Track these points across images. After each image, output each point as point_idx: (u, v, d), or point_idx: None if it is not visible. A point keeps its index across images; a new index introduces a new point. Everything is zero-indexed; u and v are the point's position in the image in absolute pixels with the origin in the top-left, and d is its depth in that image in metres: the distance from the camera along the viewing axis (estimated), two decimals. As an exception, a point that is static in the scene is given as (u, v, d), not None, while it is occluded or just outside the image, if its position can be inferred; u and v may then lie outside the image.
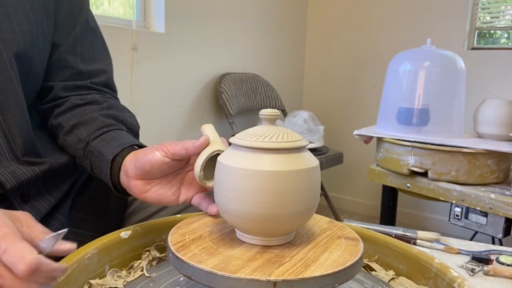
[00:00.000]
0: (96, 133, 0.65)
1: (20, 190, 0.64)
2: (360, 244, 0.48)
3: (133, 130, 0.72)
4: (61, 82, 0.71)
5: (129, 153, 0.59)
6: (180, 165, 0.57)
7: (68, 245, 0.42)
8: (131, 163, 0.57)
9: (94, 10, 1.80)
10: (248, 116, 2.37)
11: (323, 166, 2.10)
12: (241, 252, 0.46)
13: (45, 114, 0.72)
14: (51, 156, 0.69)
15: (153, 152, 0.54)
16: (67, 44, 0.70)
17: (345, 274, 0.43)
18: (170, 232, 0.51)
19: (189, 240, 0.49)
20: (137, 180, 0.56)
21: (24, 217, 0.43)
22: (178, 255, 0.45)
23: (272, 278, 0.40)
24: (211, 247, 0.48)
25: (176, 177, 0.58)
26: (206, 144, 0.54)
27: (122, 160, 0.59)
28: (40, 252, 0.40)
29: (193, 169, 0.56)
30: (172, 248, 0.46)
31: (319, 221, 0.56)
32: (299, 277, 0.41)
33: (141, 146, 0.62)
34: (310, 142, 2.12)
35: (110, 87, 0.77)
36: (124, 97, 1.79)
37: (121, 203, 0.80)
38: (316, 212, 0.52)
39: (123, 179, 0.59)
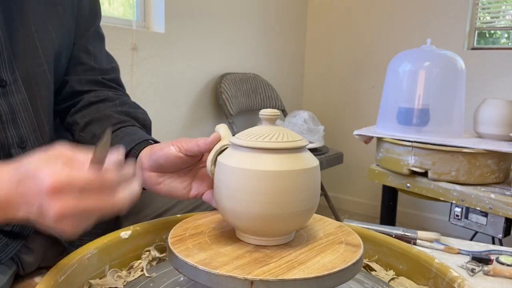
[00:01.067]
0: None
1: None
2: (359, 251, 0.47)
3: (146, 125, 0.74)
4: (75, 76, 0.75)
5: (143, 147, 0.62)
6: (193, 161, 0.59)
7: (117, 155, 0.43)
8: (147, 156, 0.59)
9: (94, 10, 1.80)
10: (248, 116, 2.37)
11: (323, 166, 2.10)
12: (232, 249, 0.47)
13: (62, 114, 0.75)
14: None
15: (168, 147, 0.57)
16: (79, 43, 0.75)
17: (330, 279, 0.42)
18: (175, 226, 0.52)
19: (189, 235, 0.50)
20: (151, 172, 0.59)
21: (63, 153, 0.41)
22: (171, 248, 0.46)
23: (250, 276, 0.40)
24: (206, 242, 0.48)
25: (188, 172, 0.60)
26: (217, 140, 0.56)
27: (138, 154, 0.61)
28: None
29: (205, 166, 0.57)
30: (169, 241, 0.48)
31: (328, 225, 0.54)
32: (278, 278, 0.40)
33: (154, 141, 0.65)
34: (310, 142, 2.12)
35: (119, 85, 0.81)
36: (124, 97, 1.79)
37: None
38: (316, 212, 0.52)
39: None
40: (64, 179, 0.37)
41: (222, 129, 0.59)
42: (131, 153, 0.62)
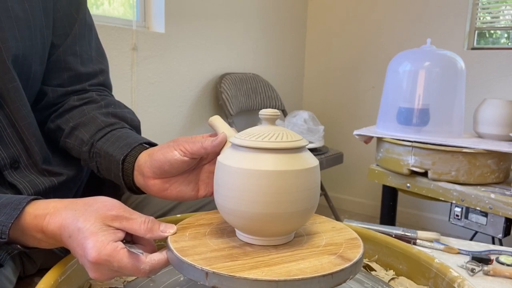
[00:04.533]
0: (99, 133, 0.64)
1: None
2: (341, 266, 0.43)
3: (135, 126, 0.71)
4: (59, 88, 0.69)
5: (139, 152, 0.59)
6: (196, 161, 0.57)
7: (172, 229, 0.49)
8: (147, 163, 0.57)
9: (94, 10, 1.80)
10: (248, 116, 2.37)
11: (323, 166, 2.10)
12: (219, 242, 0.47)
13: (41, 119, 0.70)
14: (65, 167, 0.69)
15: (172, 152, 0.55)
16: (66, 45, 0.69)
17: (285, 286, 0.40)
18: (196, 214, 0.54)
19: (197, 225, 0.51)
20: (155, 179, 0.57)
21: (120, 215, 0.47)
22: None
23: (207, 268, 0.41)
24: (202, 233, 0.49)
25: (192, 172, 0.58)
26: (225, 141, 0.55)
27: (135, 160, 0.59)
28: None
29: (208, 162, 0.58)
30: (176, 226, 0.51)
31: (341, 235, 0.51)
32: (231, 274, 0.40)
33: (150, 143, 0.62)
34: (310, 142, 2.12)
35: (107, 86, 0.76)
36: (124, 97, 1.79)
37: None
38: (316, 212, 0.52)
39: (139, 179, 0.58)
40: (104, 258, 0.44)
41: (221, 124, 0.58)
42: (127, 160, 0.59)
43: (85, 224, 0.45)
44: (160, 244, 0.62)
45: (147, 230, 0.47)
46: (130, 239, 0.49)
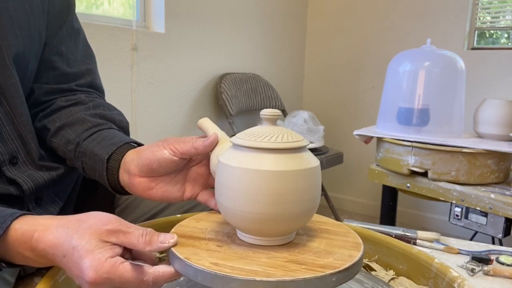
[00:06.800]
0: (86, 133, 0.64)
1: (35, 193, 0.64)
2: (344, 265, 0.43)
3: (123, 127, 0.70)
4: (45, 85, 0.69)
5: (126, 150, 0.59)
6: (184, 162, 0.57)
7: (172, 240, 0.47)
8: (134, 160, 0.56)
9: (94, 10, 1.80)
10: (248, 116, 2.37)
11: (323, 166, 2.10)
12: (222, 245, 0.47)
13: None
14: (60, 162, 0.69)
15: (161, 151, 0.54)
16: (52, 44, 0.69)
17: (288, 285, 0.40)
18: (180, 223, 0.53)
19: (190, 235, 0.50)
20: (141, 178, 0.56)
21: (116, 229, 0.45)
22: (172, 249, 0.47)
23: (200, 267, 0.41)
24: (203, 238, 0.49)
25: (179, 173, 0.57)
26: (216, 142, 0.54)
27: (121, 158, 0.58)
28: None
29: (196, 164, 0.57)
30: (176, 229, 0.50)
31: (343, 234, 0.51)
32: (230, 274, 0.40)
33: (137, 143, 0.61)
34: (310, 142, 2.12)
35: (95, 88, 0.75)
36: (124, 97, 1.79)
37: (107, 202, 0.79)
38: (316, 212, 0.52)
39: (124, 177, 0.58)
40: (104, 276, 0.42)
41: (210, 125, 0.57)
42: (113, 158, 0.58)
43: (80, 241, 0.43)
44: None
45: (146, 243, 0.45)
46: (129, 256, 0.47)
